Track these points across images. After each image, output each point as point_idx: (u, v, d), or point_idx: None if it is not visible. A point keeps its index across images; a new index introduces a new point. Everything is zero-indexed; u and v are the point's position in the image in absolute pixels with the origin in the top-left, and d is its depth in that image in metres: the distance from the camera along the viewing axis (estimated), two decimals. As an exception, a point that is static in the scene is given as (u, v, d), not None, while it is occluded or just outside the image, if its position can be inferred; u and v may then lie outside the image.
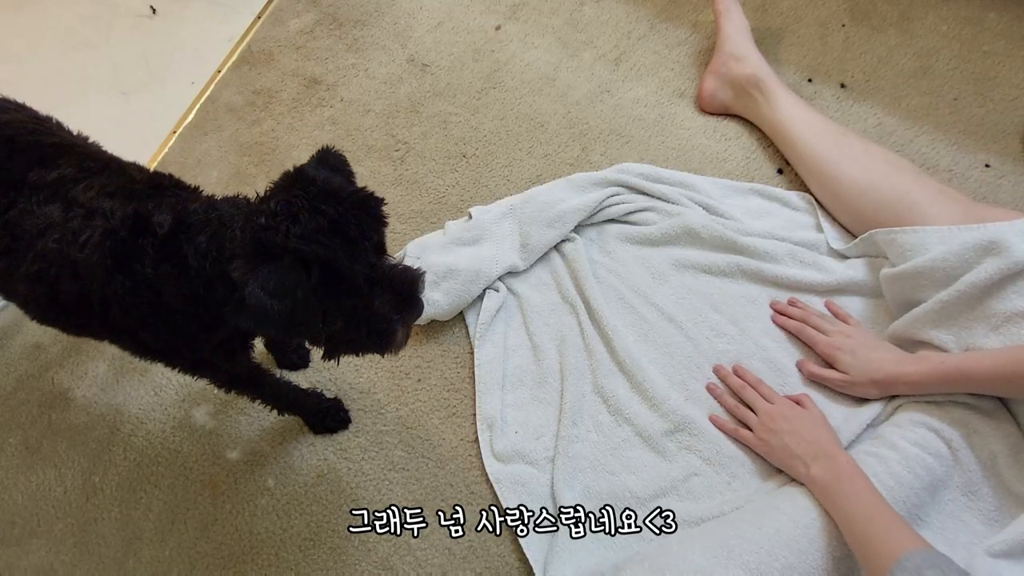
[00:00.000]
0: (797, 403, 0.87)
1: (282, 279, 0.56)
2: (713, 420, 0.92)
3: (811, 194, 1.06)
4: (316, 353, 0.97)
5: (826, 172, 1.01)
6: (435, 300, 1.00)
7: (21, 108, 0.79)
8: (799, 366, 0.93)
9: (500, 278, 1.05)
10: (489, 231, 1.05)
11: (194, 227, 0.64)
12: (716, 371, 0.95)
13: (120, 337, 0.72)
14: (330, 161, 0.66)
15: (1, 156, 0.70)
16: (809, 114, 1.07)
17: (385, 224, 0.63)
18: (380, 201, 0.63)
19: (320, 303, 0.59)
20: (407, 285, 0.65)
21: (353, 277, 0.59)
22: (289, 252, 0.56)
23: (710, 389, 0.94)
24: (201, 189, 0.73)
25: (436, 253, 1.04)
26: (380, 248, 0.64)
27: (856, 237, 0.99)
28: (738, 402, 0.91)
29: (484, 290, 1.03)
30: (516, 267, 1.04)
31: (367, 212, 0.61)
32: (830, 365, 0.91)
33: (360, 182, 1.22)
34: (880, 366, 0.85)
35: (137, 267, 0.64)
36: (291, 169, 0.63)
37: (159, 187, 0.71)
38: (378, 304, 0.63)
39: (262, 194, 0.62)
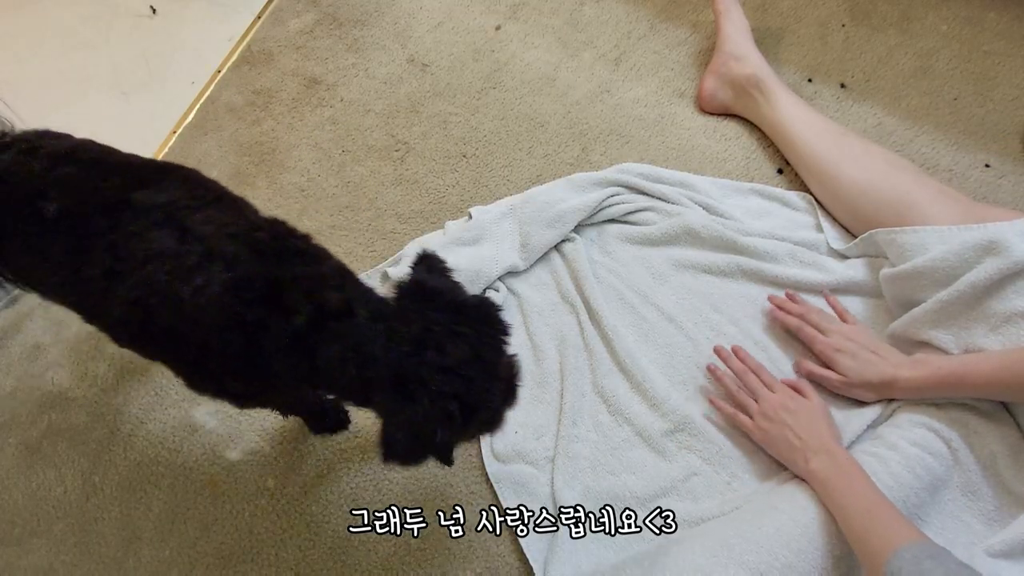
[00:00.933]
0: (798, 391, 0.87)
1: (423, 426, 0.57)
2: (712, 401, 0.91)
3: (811, 194, 1.06)
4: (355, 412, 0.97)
5: (826, 172, 1.01)
6: None
7: (62, 136, 0.76)
8: (797, 365, 0.93)
9: (500, 278, 1.05)
10: (489, 231, 1.05)
11: (330, 330, 0.61)
12: (717, 352, 0.94)
13: (201, 376, 0.69)
14: (436, 265, 0.68)
15: (95, 177, 0.67)
16: (809, 114, 1.07)
17: (508, 333, 0.64)
18: (499, 308, 0.65)
19: (456, 436, 0.60)
20: (513, 376, 0.66)
21: (489, 404, 0.60)
22: (432, 393, 0.57)
23: (711, 370, 0.93)
24: (314, 240, 0.70)
25: (436, 253, 1.04)
26: None
27: (856, 237, 0.99)
28: (739, 387, 0.91)
29: (484, 290, 1.03)
30: (516, 267, 1.04)
31: (493, 323, 0.63)
32: (828, 365, 0.90)
33: (360, 182, 1.23)
34: (878, 369, 0.85)
35: (258, 339, 0.62)
36: (410, 280, 0.65)
37: (282, 241, 0.67)
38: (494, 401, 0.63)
39: (392, 294, 0.64)
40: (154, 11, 1.49)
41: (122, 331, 0.69)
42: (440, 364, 0.56)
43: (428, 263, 0.67)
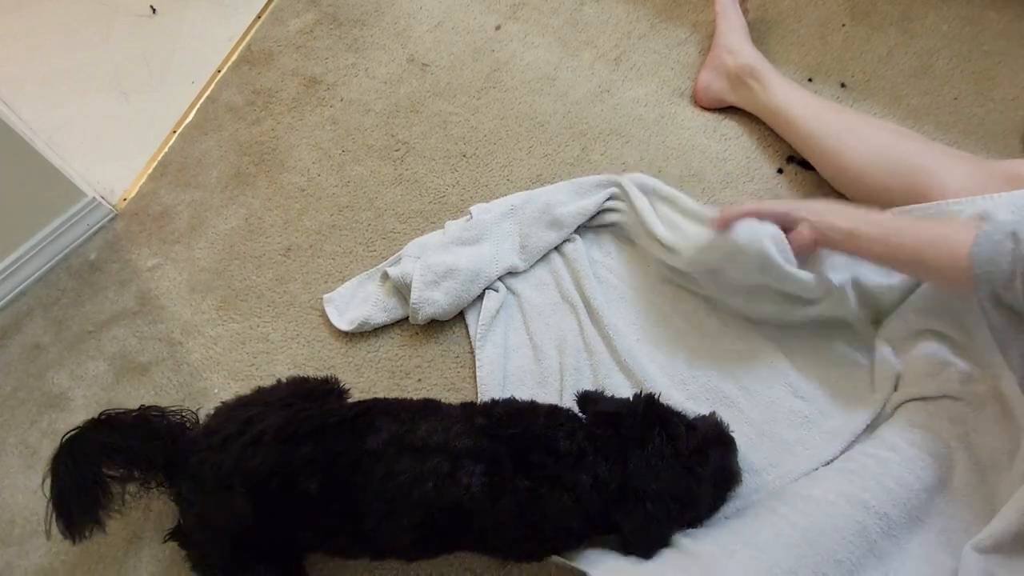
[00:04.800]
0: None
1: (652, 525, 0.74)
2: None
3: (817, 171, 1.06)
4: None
5: (830, 147, 1.01)
6: (435, 300, 1.00)
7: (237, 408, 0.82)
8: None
9: (500, 278, 1.05)
10: (489, 231, 1.05)
11: (567, 475, 0.73)
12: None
13: (492, 548, 0.79)
14: (592, 396, 0.83)
15: (335, 446, 0.74)
16: (806, 96, 1.07)
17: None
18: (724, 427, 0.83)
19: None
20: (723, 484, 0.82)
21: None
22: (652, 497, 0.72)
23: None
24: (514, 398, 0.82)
25: (436, 252, 1.04)
26: None
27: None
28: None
29: (484, 290, 1.03)
30: (516, 268, 1.04)
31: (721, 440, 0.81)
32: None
33: (360, 182, 1.24)
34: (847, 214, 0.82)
35: (521, 500, 0.72)
36: (602, 411, 0.78)
37: (496, 414, 0.78)
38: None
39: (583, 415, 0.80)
40: (154, 11, 1.49)
41: (418, 551, 0.79)
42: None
43: (584, 399, 0.82)
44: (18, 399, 1.05)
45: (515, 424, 0.75)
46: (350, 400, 0.85)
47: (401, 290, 1.03)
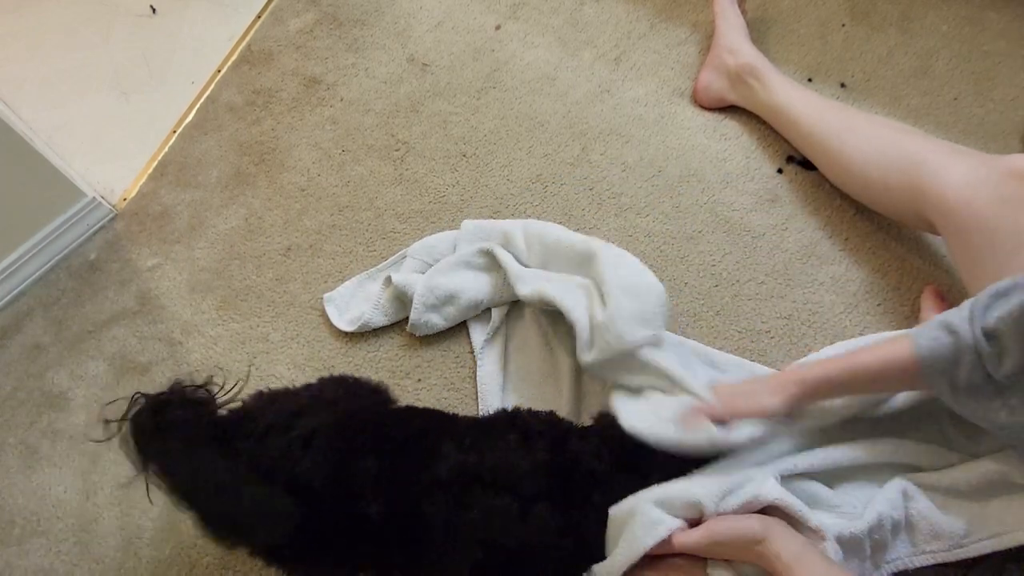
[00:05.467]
0: None
1: None
2: None
3: (819, 172, 1.06)
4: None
5: (832, 146, 1.00)
6: (433, 323, 1.01)
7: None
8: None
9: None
10: (498, 260, 1.01)
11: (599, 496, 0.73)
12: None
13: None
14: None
15: (399, 467, 0.72)
16: (807, 94, 1.07)
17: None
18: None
19: None
20: None
21: None
22: None
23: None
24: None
25: (442, 273, 1.02)
26: None
27: (862, 214, 0.97)
28: None
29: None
30: (522, 295, 0.99)
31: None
32: None
33: (360, 182, 1.24)
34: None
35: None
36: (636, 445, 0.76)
37: (555, 441, 0.75)
38: None
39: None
40: (154, 11, 1.49)
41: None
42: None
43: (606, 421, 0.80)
44: (18, 399, 1.05)
45: (564, 452, 0.74)
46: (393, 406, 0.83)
47: (401, 296, 1.03)
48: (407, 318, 1.03)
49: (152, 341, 1.08)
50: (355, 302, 1.07)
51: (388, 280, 1.05)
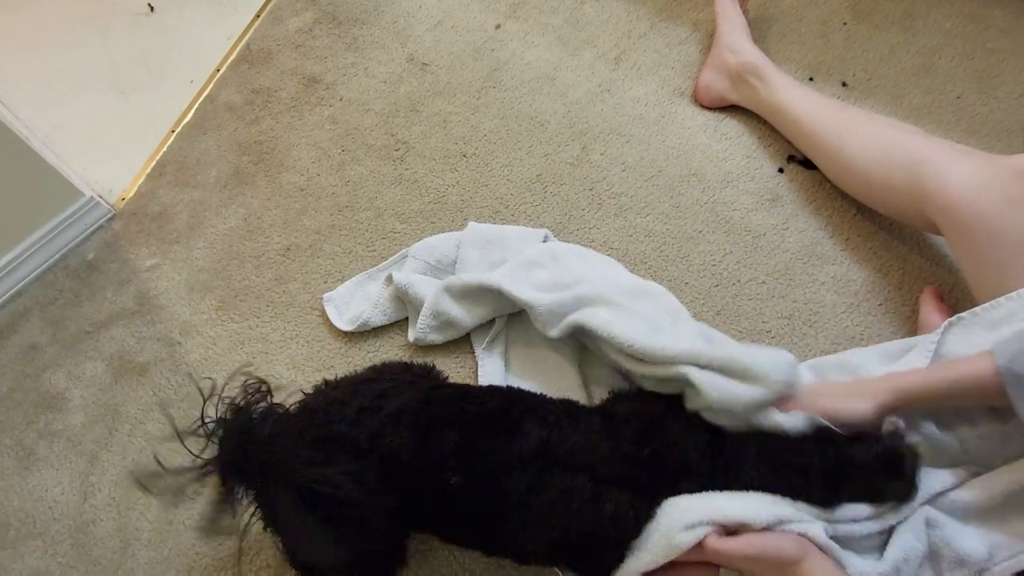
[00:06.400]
0: None
1: None
2: None
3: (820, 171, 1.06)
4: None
5: (833, 145, 1.00)
6: (434, 341, 1.01)
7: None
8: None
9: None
10: (503, 291, 0.98)
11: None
12: None
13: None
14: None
15: (481, 442, 0.73)
16: (809, 94, 1.07)
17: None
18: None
19: None
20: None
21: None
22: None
23: None
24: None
25: (446, 300, 0.99)
26: None
27: (863, 213, 0.96)
28: None
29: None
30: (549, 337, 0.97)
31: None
32: None
33: (360, 182, 1.23)
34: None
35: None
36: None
37: (642, 437, 0.74)
38: None
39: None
40: (152, 9, 1.49)
41: (548, 561, 0.78)
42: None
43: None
44: (14, 400, 1.05)
45: (652, 440, 0.73)
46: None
47: (402, 296, 1.03)
48: (407, 317, 1.03)
49: (151, 341, 1.08)
50: (355, 302, 1.06)
51: (388, 279, 1.05)
